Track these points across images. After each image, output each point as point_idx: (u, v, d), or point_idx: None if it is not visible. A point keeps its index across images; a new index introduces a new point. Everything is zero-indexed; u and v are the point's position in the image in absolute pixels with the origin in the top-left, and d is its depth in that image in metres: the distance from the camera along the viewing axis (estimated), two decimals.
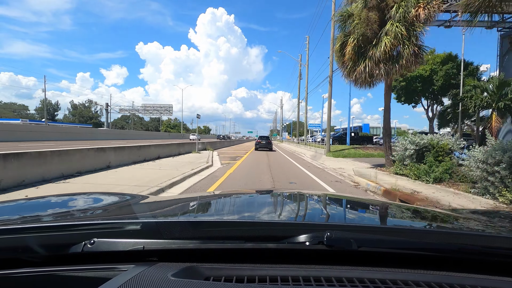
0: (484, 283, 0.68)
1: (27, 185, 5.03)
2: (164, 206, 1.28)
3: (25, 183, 5.10)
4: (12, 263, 0.72)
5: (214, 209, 1.35)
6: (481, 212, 1.54)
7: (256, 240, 0.78)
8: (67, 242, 0.75)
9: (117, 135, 42.43)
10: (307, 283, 0.65)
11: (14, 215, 1.07)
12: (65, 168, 6.15)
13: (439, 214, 1.30)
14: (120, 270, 0.68)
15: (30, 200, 1.58)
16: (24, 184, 5.04)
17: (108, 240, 0.75)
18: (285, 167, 10.78)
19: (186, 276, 0.65)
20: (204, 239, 0.79)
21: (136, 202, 1.32)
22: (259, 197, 1.67)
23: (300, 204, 1.48)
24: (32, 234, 0.76)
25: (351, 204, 1.55)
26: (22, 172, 5.12)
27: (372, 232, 0.87)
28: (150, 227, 0.82)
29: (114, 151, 8.35)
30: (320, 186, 6.82)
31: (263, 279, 0.66)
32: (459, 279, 0.69)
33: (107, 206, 1.25)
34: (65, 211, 1.19)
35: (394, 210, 1.40)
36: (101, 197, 1.49)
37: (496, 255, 0.78)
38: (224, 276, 0.67)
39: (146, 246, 0.74)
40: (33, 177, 5.33)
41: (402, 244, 0.79)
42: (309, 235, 0.75)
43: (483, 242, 0.83)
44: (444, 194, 5.26)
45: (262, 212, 1.22)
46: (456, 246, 0.79)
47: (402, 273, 0.72)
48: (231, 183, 6.77)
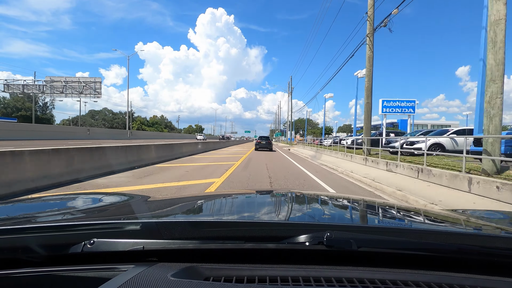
0: (484, 283, 0.68)
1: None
2: (164, 206, 1.28)
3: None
4: (12, 263, 0.72)
5: (214, 209, 1.35)
6: (481, 212, 1.54)
7: (256, 240, 0.78)
8: (67, 242, 0.75)
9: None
10: (307, 283, 0.65)
11: (14, 215, 1.07)
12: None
13: (439, 214, 1.30)
14: (120, 270, 0.68)
15: (30, 200, 1.58)
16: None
17: (108, 240, 0.75)
18: None
19: (185, 276, 0.65)
20: (204, 239, 0.79)
21: (135, 202, 1.32)
22: (258, 197, 1.66)
23: (300, 204, 1.48)
24: (32, 234, 0.76)
25: (351, 204, 1.54)
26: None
27: (372, 232, 0.87)
28: (150, 227, 0.82)
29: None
30: None
31: (262, 279, 0.66)
32: (459, 279, 0.69)
33: (107, 206, 1.25)
34: (65, 211, 1.19)
35: (394, 211, 1.40)
36: (101, 197, 1.49)
37: (496, 255, 0.77)
38: (223, 276, 0.67)
39: (145, 246, 0.74)
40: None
41: (402, 244, 0.79)
42: (309, 235, 0.75)
43: (482, 242, 0.83)
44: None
45: (262, 212, 1.22)
46: (456, 246, 0.79)
47: (402, 273, 0.72)
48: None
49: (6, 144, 16.06)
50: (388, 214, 1.33)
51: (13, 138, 23.64)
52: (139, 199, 1.36)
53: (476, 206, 4.17)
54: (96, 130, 42.33)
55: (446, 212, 1.43)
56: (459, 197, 4.85)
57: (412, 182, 6.32)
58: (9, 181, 4.55)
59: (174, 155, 12.85)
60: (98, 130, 43.62)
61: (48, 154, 5.45)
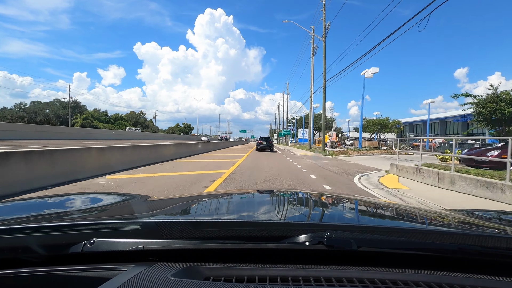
0: (484, 283, 0.68)
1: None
2: (164, 206, 1.28)
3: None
4: (12, 263, 0.72)
5: (214, 209, 1.35)
6: (481, 212, 1.54)
7: (256, 240, 0.78)
8: (67, 242, 0.75)
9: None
10: (307, 283, 0.65)
11: (14, 215, 1.07)
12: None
13: (439, 214, 1.31)
14: (120, 270, 0.68)
15: (30, 200, 1.58)
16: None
17: (108, 240, 0.75)
18: None
19: (186, 276, 0.65)
20: (204, 239, 0.79)
21: (136, 202, 1.32)
22: (259, 196, 1.67)
23: (300, 204, 1.48)
24: (32, 234, 0.76)
25: (351, 204, 1.54)
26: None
27: (372, 232, 0.87)
28: (150, 227, 0.82)
29: None
30: None
31: (262, 279, 0.66)
32: (459, 279, 0.69)
33: (107, 206, 1.25)
34: (65, 211, 1.20)
35: (394, 210, 1.40)
36: (101, 197, 1.49)
37: (496, 255, 0.78)
38: (224, 276, 0.67)
39: (146, 246, 0.74)
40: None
41: (402, 244, 0.79)
42: (308, 235, 0.75)
43: (483, 242, 0.83)
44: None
45: (262, 212, 1.22)
46: (456, 246, 0.79)
47: (402, 273, 0.72)
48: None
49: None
50: (388, 214, 1.33)
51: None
52: (139, 199, 1.36)
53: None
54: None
55: (446, 212, 1.43)
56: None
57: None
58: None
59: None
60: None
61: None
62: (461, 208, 1.58)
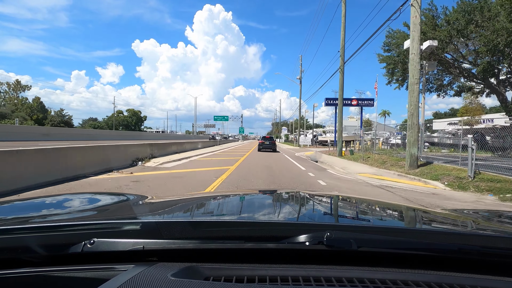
0: (484, 283, 0.68)
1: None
2: (164, 206, 1.28)
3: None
4: (12, 263, 0.72)
5: (214, 209, 1.35)
6: (481, 212, 1.54)
7: (256, 240, 0.78)
8: (67, 242, 0.75)
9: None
10: (307, 283, 0.65)
11: (13, 215, 1.07)
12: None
13: (439, 214, 1.31)
14: (120, 270, 0.68)
15: (30, 200, 1.58)
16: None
17: (108, 240, 0.75)
18: None
19: (185, 276, 0.65)
20: (204, 239, 0.79)
21: (135, 202, 1.32)
22: (259, 197, 1.67)
23: (300, 204, 1.48)
24: (32, 234, 0.76)
25: (351, 204, 1.54)
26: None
27: (372, 232, 0.87)
28: (150, 227, 0.82)
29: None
30: None
31: (263, 279, 0.66)
32: (459, 279, 0.69)
33: (107, 206, 1.25)
34: (65, 211, 1.19)
35: (394, 210, 1.40)
36: (101, 197, 1.49)
37: (496, 255, 0.78)
38: (224, 276, 0.67)
39: (145, 246, 0.74)
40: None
41: (402, 244, 0.79)
42: (309, 235, 0.75)
43: (483, 242, 0.83)
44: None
45: (262, 212, 1.22)
46: (456, 246, 0.79)
47: (402, 273, 0.71)
48: None
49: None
50: (388, 214, 1.33)
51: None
52: (139, 199, 1.36)
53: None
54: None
55: (446, 212, 1.43)
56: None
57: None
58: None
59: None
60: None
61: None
62: (461, 208, 1.58)
